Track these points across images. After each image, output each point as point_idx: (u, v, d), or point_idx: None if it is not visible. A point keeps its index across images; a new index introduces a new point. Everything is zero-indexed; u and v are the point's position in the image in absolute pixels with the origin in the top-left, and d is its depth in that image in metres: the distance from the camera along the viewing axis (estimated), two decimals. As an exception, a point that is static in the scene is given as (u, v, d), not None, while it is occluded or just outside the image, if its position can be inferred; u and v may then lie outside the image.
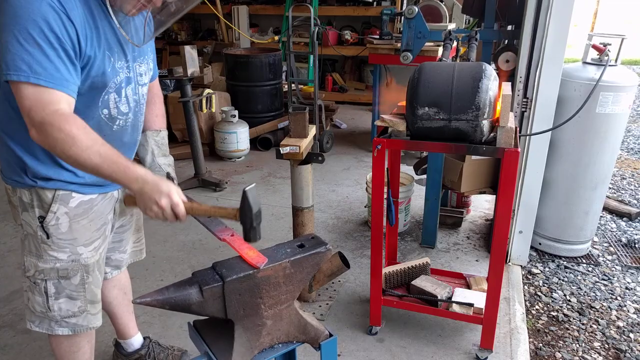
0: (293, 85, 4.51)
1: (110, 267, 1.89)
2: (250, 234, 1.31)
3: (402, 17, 2.94)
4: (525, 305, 2.75)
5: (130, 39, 1.49)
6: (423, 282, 2.40)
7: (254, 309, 1.30)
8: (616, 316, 2.68)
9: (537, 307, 2.76)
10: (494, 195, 2.94)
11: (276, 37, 7.14)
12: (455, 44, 3.24)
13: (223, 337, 1.32)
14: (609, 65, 2.75)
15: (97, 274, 1.67)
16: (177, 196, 1.33)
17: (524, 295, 2.83)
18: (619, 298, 2.83)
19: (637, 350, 2.43)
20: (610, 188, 4.38)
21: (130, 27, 1.51)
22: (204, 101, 4.01)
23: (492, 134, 1.93)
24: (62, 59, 1.29)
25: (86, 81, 1.39)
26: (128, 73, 1.53)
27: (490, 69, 1.91)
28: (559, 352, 2.42)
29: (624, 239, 3.47)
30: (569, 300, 2.80)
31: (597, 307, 2.75)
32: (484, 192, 2.84)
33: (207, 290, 1.22)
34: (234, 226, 1.39)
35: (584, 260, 3.20)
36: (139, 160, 1.76)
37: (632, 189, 4.44)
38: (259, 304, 1.30)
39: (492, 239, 2.07)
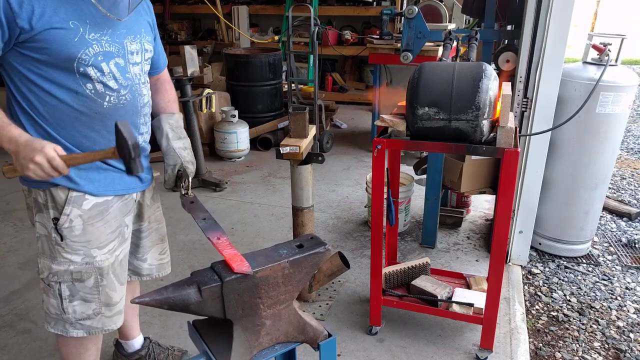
0: (293, 85, 4.52)
1: (129, 272, 1.87)
2: (131, 166, 1.33)
3: (402, 17, 2.93)
4: (525, 305, 2.75)
5: (112, 12, 1.44)
6: (423, 282, 2.40)
7: (252, 309, 1.30)
8: (616, 316, 2.68)
9: (537, 307, 2.76)
10: (494, 195, 2.94)
11: (276, 37, 7.14)
12: (455, 44, 3.24)
13: (222, 337, 1.32)
14: (609, 65, 2.74)
15: (112, 277, 1.65)
16: (51, 150, 1.33)
17: (524, 295, 2.83)
18: (619, 298, 2.83)
19: (637, 350, 2.43)
20: (610, 188, 4.38)
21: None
22: (204, 101, 4.01)
23: (492, 134, 1.93)
24: None
25: (47, 50, 1.38)
26: (109, 47, 1.47)
27: (490, 69, 1.91)
28: (559, 352, 2.42)
29: (624, 239, 3.47)
30: (569, 300, 2.80)
31: (597, 307, 2.75)
32: (484, 192, 2.84)
33: (205, 290, 1.22)
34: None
35: (584, 260, 3.20)
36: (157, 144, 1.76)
37: (632, 189, 4.44)
38: (258, 304, 1.30)
39: (492, 239, 2.06)
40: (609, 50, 2.80)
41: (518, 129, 2.15)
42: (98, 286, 1.62)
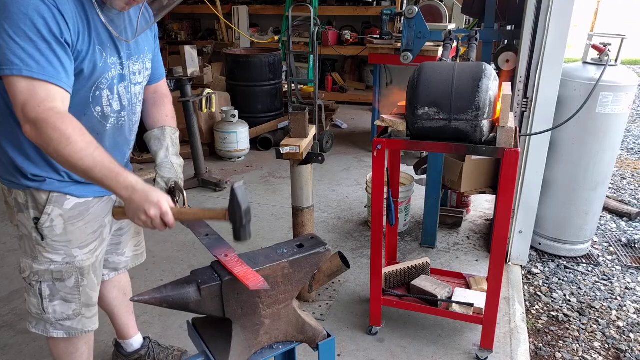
0: (293, 85, 4.52)
1: (108, 270, 1.88)
2: (240, 233, 1.29)
3: (402, 17, 2.94)
4: (525, 305, 2.75)
5: (122, 35, 1.46)
6: (423, 282, 2.40)
7: (252, 308, 1.30)
8: (616, 316, 2.68)
9: (537, 307, 2.76)
10: (494, 195, 2.94)
11: (276, 37, 7.15)
12: (455, 44, 3.24)
13: (221, 336, 1.32)
14: (609, 65, 2.74)
15: (93, 277, 1.66)
16: (166, 205, 1.32)
17: (524, 295, 2.83)
18: (619, 298, 2.83)
19: (637, 350, 2.43)
20: (610, 188, 4.38)
21: (125, 22, 1.50)
22: (204, 101, 4.01)
23: (492, 134, 1.93)
24: (55, 52, 1.27)
25: (77, 75, 1.37)
26: (121, 70, 1.50)
27: (490, 69, 1.91)
28: (559, 352, 2.42)
29: (624, 239, 3.47)
30: (569, 300, 2.80)
31: (597, 307, 2.74)
32: (484, 192, 2.84)
33: (205, 289, 1.22)
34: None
35: (584, 260, 3.20)
36: (134, 157, 1.74)
37: (632, 189, 4.44)
38: (257, 303, 1.30)
39: (492, 239, 2.06)
40: (609, 50, 2.80)
41: (518, 129, 2.15)
42: (79, 286, 1.61)
